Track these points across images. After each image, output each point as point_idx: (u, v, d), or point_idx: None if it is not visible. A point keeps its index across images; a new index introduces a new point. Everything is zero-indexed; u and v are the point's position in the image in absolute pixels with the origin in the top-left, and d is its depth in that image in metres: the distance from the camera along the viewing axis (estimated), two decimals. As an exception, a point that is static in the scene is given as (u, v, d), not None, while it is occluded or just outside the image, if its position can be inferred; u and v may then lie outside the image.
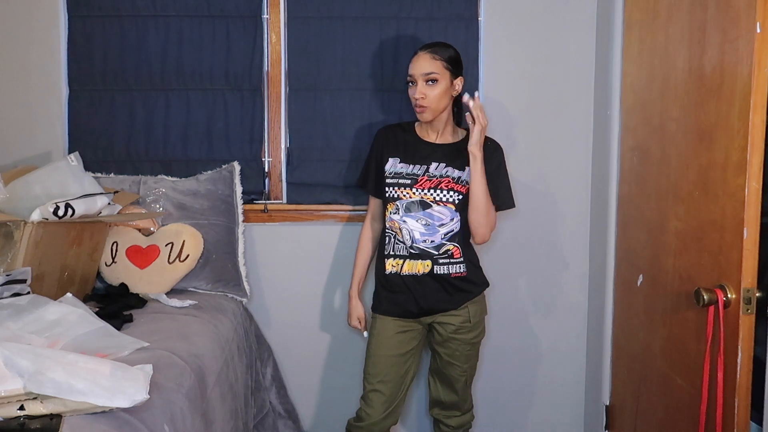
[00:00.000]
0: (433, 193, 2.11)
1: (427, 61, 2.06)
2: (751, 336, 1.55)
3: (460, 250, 2.13)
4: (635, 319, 2.17)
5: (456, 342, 2.16)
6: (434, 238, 2.10)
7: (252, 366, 2.37)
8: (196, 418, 1.60)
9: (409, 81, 2.09)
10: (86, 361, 1.31)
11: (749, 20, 1.52)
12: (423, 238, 2.10)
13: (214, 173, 2.46)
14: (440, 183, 2.11)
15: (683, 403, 1.83)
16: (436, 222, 2.10)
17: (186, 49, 2.51)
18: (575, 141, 2.58)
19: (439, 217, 2.10)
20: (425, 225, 2.10)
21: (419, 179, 2.12)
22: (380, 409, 2.15)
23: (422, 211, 2.10)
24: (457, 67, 2.10)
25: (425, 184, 2.11)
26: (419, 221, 2.11)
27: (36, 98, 2.51)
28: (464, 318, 2.14)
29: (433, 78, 2.05)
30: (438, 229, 2.10)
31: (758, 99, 1.50)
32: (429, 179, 2.11)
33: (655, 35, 2.02)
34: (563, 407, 2.69)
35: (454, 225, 2.11)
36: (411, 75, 2.08)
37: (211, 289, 2.37)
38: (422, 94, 2.05)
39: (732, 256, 1.58)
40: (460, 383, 2.22)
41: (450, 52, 2.09)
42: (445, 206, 2.10)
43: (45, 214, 1.85)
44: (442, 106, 2.08)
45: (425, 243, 2.10)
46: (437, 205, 2.10)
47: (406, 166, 2.14)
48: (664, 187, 1.93)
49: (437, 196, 2.10)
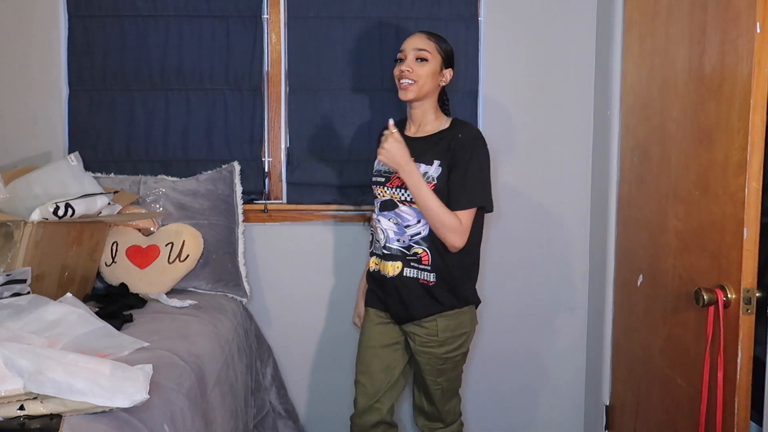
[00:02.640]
0: (399, 191, 1.99)
1: (422, 39, 1.99)
2: (751, 336, 1.55)
3: (429, 257, 1.97)
4: (635, 319, 2.17)
5: (425, 355, 2.02)
6: (404, 239, 1.99)
7: (252, 366, 2.37)
8: (196, 418, 1.60)
9: (399, 58, 2.00)
10: (86, 361, 1.30)
11: (749, 20, 1.52)
12: (396, 237, 2.00)
13: (214, 173, 2.46)
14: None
15: (683, 403, 1.83)
16: (403, 222, 1.98)
17: (186, 49, 2.51)
18: (575, 141, 2.58)
19: (405, 218, 1.98)
20: (396, 224, 2.00)
21: (392, 177, 2.01)
22: (362, 401, 2.11)
23: (392, 211, 2.00)
24: (450, 59, 2.04)
25: (395, 182, 2.00)
26: (391, 220, 2.00)
27: (36, 98, 2.51)
28: (430, 331, 1.99)
29: (425, 57, 1.97)
30: (405, 230, 1.98)
31: (758, 99, 1.50)
32: (399, 177, 1.98)
33: (655, 35, 2.02)
34: (563, 407, 2.69)
35: (421, 227, 1.96)
36: (402, 50, 1.99)
37: (211, 289, 2.37)
38: (409, 68, 1.96)
39: (732, 256, 1.58)
40: (436, 396, 2.10)
41: (446, 45, 2.04)
42: (410, 206, 1.97)
43: (45, 214, 1.85)
44: (427, 88, 1.98)
45: (398, 243, 2.00)
46: (403, 205, 1.98)
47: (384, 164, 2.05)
48: (664, 187, 1.93)
49: (402, 195, 1.98)
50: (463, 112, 2.54)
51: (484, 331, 2.63)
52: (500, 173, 2.54)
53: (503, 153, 2.55)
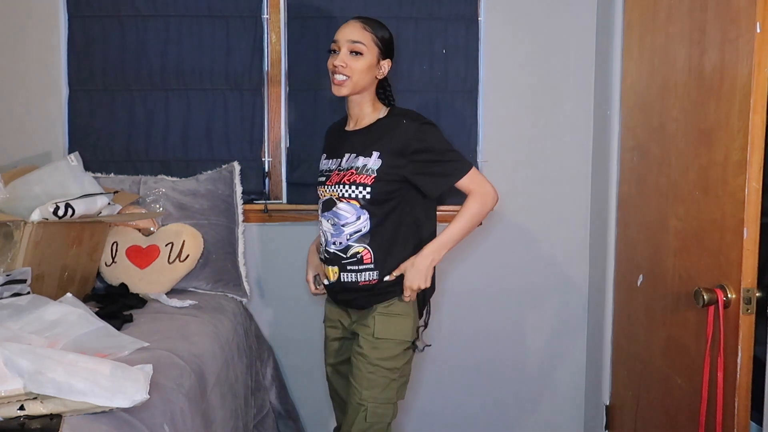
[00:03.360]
0: (337, 188, 1.87)
1: (357, 29, 1.87)
2: (751, 336, 1.55)
3: (371, 255, 1.86)
4: (635, 319, 2.17)
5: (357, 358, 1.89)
6: (341, 239, 1.87)
7: (252, 366, 2.37)
8: (196, 418, 1.60)
9: (332, 49, 1.88)
10: (86, 361, 1.30)
11: (749, 20, 1.52)
12: (333, 239, 1.89)
13: (214, 173, 2.46)
14: (343, 177, 1.87)
15: (683, 403, 1.83)
16: (341, 221, 1.86)
17: (186, 49, 2.51)
18: (575, 141, 2.58)
19: (344, 216, 1.86)
20: (333, 225, 1.89)
21: (331, 175, 1.91)
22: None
23: (330, 210, 1.89)
24: (388, 48, 1.92)
25: (334, 179, 1.89)
26: (329, 221, 1.90)
27: (36, 98, 2.51)
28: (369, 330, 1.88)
29: (359, 50, 1.85)
30: (342, 228, 1.87)
31: (758, 99, 1.50)
32: (338, 173, 1.89)
33: (655, 35, 2.02)
34: (563, 407, 2.69)
35: (361, 225, 1.85)
36: (336, 40, 1.86)
37: (211, 289, 2.37)
38: (343, 63, 1.84)
39: (732, 256, 1.58)
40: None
41: (384, 32, 1.91)
42: (348, 203, 1.85)
43: (45, 214, 1.85)
44: (363, 83, 1.87)
45: (335, 245, 1.89)
46: (341, 202, 1.86)
47: (326, 162, 1.98)
48: (664, 187, 1.93)
49: (340, 192, 1.86)
50: (463, 112, 2.54)
51: (484, 332, 2.63)
52: (500, 173, 2.53)
53: (503, 153, 2.55)
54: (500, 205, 2.53)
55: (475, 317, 2.62)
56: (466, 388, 2.64)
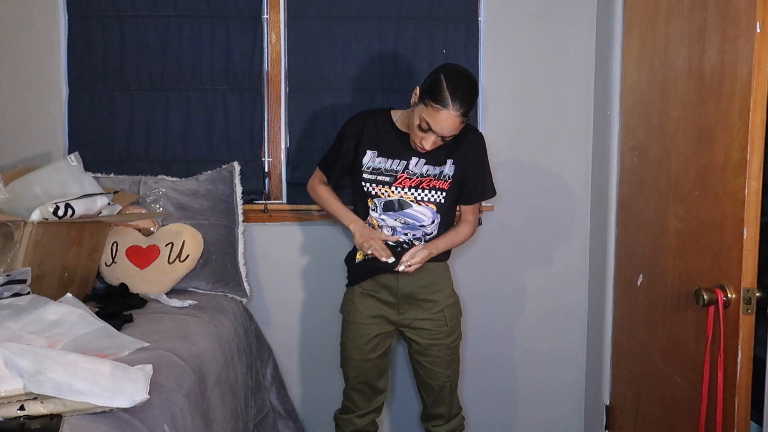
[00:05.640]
0: (414, 192, 2.00)
1: (457, 123, 1.85)
2: (751, 336, 1.55)
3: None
4: (635, 319, 2.17)
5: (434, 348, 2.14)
6: (416, 233, 2.02)
7: (252, 366, 2.37)
8: (196, 418, 1.60)
9: (423, 128, 1.87)
10: (86, 361, 1.30)
11: (749, 20, 1.52)
12: (403, 231, 2.02)
13: (214, 173, 2.46)
14: (422, 182, 2.00)
15: (683, 403, 1.83)
16: (417, 222, 2.02)
17: (186, 49, 2.50)
18: (575, 141, 2.58)
19: (419, 218, 2.01)
20: (403, 224, 2.02)
21: (398, 176, 2.01)
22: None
23: (401, 211, 2.01)
24: None
25: (405, 183, 2.00)
26: (398, 220, 2.02)
27: (36, 98, 2.50)
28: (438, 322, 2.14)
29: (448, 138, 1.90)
30: (420, 228, 2.02)
31: (758, 99, 1.51)
32: (409, 177, 2.00)
33: (655, 35, 2.02)
34: (563, 407, 2.69)
35: (434, 228, 2.03)
36: (431, 124, 1.84)
37: (211, 289, 2.37)
38: (431, 147, 1.90)
39: (732, 255, 1.58)
40: (446, 389, 2.18)
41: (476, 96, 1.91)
42: (426, 206, 2.01)
43: (45, 214, 1.85)
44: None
45: (405, 236, 2.02)
46: (418, 205, 2.01)
47: (384, 161, 2.02)
48: (664, 187, 1.93)
49: (418, 196, 2.00)
50: (463, 112, 2.54)
51: (484, 331, 2.63)
52: (500, 173, 2.53)
53: (503, 153, 2.55)
54: (500, 205, 2.55)
55: (475, 317, 2.62)
56: (465, 388, 2.64)
